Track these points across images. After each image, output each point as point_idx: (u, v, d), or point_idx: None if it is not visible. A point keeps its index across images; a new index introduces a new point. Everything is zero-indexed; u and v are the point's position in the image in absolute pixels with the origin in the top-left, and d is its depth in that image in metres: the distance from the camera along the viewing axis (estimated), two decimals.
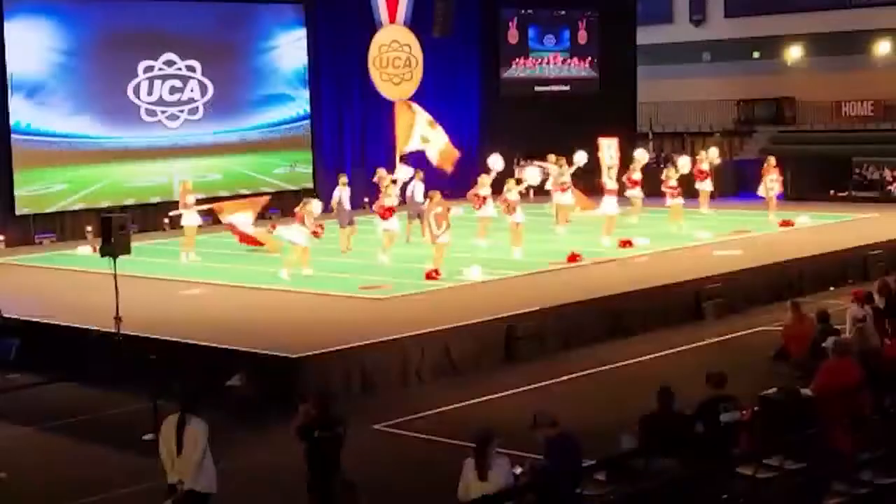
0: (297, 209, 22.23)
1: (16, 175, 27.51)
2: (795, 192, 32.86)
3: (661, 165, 34.02)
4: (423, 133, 27.79)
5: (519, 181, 32.39)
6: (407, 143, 27.74)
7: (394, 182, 24.96)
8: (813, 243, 24.17)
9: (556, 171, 28.56)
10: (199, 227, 24.47)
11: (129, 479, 12.34)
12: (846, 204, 31.91)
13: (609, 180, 26.30)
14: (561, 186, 27.62)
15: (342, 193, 25.09)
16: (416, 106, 28.75)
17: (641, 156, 29.03)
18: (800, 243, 24.32)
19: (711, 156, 30.31)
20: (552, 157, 29.52)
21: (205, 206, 24.97)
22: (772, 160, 29.44)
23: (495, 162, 27.39)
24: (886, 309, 16.61)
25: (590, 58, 40.37)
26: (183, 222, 24.45)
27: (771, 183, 28.52)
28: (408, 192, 26.53)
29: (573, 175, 27.96)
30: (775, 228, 26.79)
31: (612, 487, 10.33)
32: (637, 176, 27.85)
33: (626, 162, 28.99)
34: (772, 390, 12.47)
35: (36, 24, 27.78)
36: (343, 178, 25.65)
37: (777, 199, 28.81)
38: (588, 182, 29.56)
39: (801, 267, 22.32)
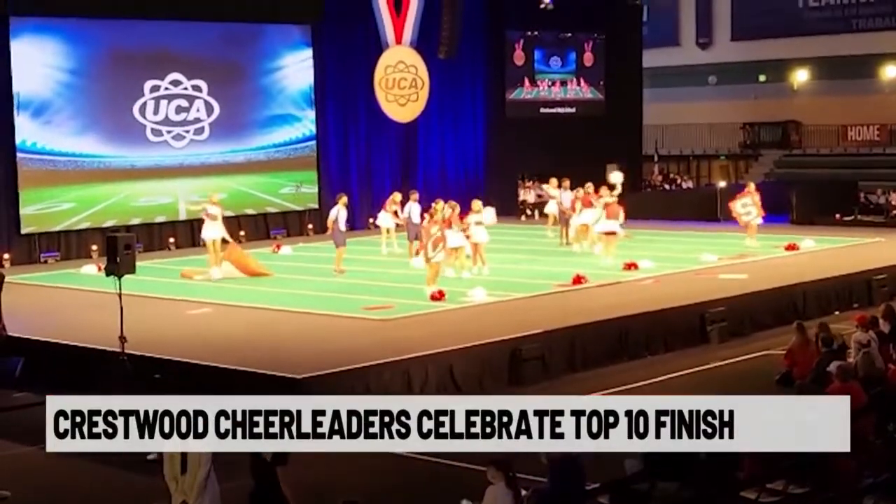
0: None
1: (21, 194, 27.55)
2: (801, 216, 32.88)
3: (669, 186, 34.09)
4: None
5: (525, 201, 32.55)
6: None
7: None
8: (818, 267, 24.14)
9: (557, 194, 28.60)
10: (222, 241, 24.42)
11: (132, 499, 12.32)
12: (851, 228, 31.81)
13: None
14: (573, 202, 27.57)
15: (339, 213, 24.84)
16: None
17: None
18: (804, 267, 24.29)
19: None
20: (554, 180, 29.50)
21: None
22: (751, 185, 29.42)
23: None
24: (891, 334, 16.61)
25: (596, 80, 40.43)
26: (203, 235, 24.56)
27: (744, 208, 27.97)
28: (404, 214, 26.59)
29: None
30: (770, 251, 26.59)
31: None
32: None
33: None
34: None
35: (42, 43, 27.85)
36: (343, 199, 25.34)
37: (760, 224, 28.19)
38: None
39: (805, 291, 22.27)
